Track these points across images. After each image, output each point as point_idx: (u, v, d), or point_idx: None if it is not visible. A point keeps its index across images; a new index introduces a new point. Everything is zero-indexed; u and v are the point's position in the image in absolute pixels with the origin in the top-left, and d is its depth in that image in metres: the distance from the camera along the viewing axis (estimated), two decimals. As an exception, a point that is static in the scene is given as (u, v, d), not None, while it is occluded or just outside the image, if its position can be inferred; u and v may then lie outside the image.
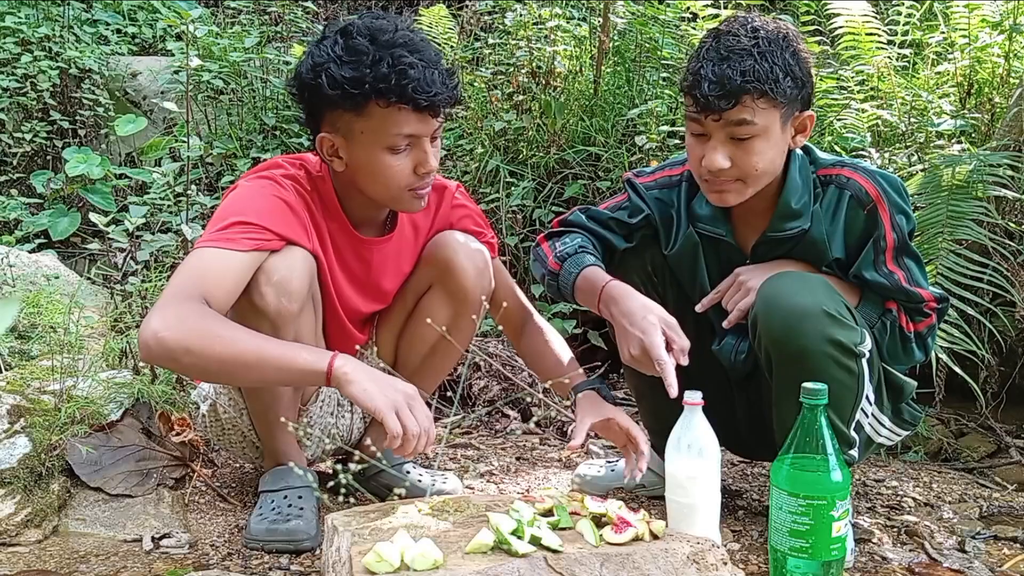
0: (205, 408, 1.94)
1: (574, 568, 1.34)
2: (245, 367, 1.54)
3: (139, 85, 4.49)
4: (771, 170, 1.74)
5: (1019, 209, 2.78)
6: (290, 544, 1.74)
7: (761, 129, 1.68)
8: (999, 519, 2.07)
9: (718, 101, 1.66)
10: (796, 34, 1.73)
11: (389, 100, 1.64)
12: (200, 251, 1.62)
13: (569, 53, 3.73)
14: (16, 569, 1.67)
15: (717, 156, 1.70)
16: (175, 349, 1.50)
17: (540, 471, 2.32)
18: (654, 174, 1.97)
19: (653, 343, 1.65)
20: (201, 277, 1.58)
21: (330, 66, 1.64)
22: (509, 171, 3.40)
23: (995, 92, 3.17)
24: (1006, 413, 2.80)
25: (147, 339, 1.51)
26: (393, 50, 1.64)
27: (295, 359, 1.54)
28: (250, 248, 1.62)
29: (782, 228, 1.79)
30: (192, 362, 1.53)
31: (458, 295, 1.89)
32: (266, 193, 1.70)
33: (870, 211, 1.75)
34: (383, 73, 1.62)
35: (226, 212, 1.67)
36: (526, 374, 2.81)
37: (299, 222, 1.71)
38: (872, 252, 1.76)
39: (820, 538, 1.50)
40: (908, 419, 1.89)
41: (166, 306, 1.53)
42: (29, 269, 2.90)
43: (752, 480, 2.29)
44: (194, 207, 3.00)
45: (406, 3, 5.78)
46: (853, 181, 1.77)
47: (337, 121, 1.70)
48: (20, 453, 1.88)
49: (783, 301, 1.67)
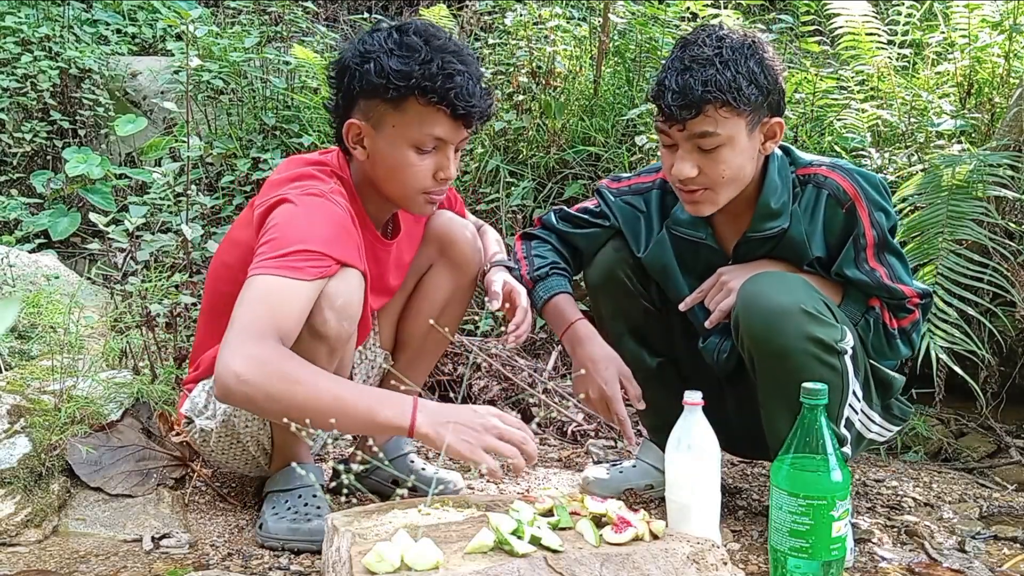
0: (208, 423, 1.85)
1: (574, 568, 1.34)
2: (323, 415, 1.52)
3: (139, 85, 4.48)
4: (740, 177, 1.76)
5: (1019, 209, 2.78)
6: (312, 544, 1.74)
7: (725, 139, 1.70)
8: (999, 519, 2.07)
9: (680, 111, 1.68)
10: (763, 42, 1.75)
11: (430, 99, 1.68)
12: (266, 279, 1.59)
13: (569, 53, 3.73)
14: (16, 569, 1.67)
15: (685, 166, 1.73)
16: (256, 396, 1.51)
17: (540, 471, 2.32)
18: (628, 180, 2.03)
19: (614, 396, 1.86)
20: (273, 310, 1.57)
21: (381, 56, 1.68)
22: (509, 171, 3.40)
23: (995, 92, 3.17)
24: (1006, 413, 2.80)
25: (228, 381, 1.50)
26: (444, 55, 1.68)
27: (376, 415, 1.53)
28: (315, 277, 1.62)
29: (762, 228, 1.82)
30: (272, 408, 1.53)
31: (460, 265, 1.99)
32: (325, 214, 1.69)
33: (848, 209, 1.77)
34: (431, 72, 1.67)
35: (286, 236, 1.64)
36: (526, 374, 2.81)
37: (354, 243, 1.72)
38: (852, 250, 1.78)
39: (820, 538, 1.50)
40: (898, 414, 1.90)
41: (244, 343, 1.53)
42: (29, 269, 2.90)
43: (752, 480, 2.29)
44: (194, 207, 3.00)
45: (406, 3, 5.78)
46: (831, 180, 1.79)
47: (371, 110, 1.72)
48: (20, 453, 1.88)
49: (762, 300, 1.69)
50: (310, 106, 3.93)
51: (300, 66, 4.06)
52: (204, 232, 2.96)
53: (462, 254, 1.98)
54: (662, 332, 2.02)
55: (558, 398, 2.77)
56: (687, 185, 1.75)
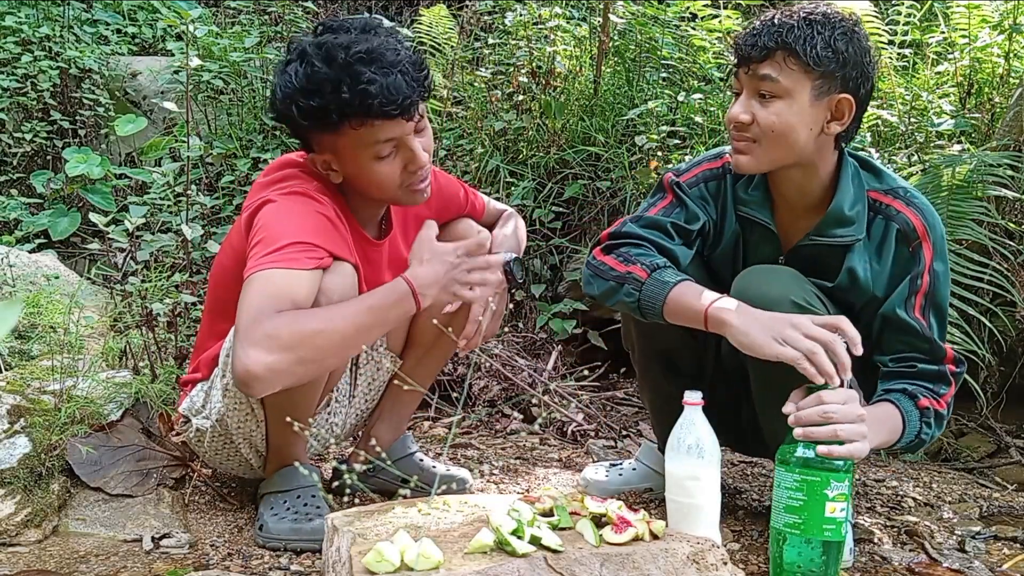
0: (203, 423, 1.86)
1: (574, 568, 1.34)
2: (355, 342, 1.64)
3: (139, 85, 4.48)
4: (790, 142, 1.69)
5: (1019, 209, 2.79)
6: (315, 543, 1.73)
7: (785, 90, 1.67)
8: (999, 519, 2.07)
9: (750, 51, 1.68)
10: (860, 25, 1.72)
11: (358, 120, 1.67)
12: (263, 273, 1.60)
13: (569, 53, 3.73)
14: (16, 569, 1.67)
15: (737, 107, 1.71)
16: (286, 370, 1.54)
17: (540, 471, 2.32)
18: (692, 170, 1.90)
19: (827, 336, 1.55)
20: (274, 297, 1.57)
21: (298, 98, 1.67)
22: (509, 171, 3.40)
23: (995, 92, 3.17)
24: (1006, 413, 2.80)
25: (255, 373, 1.52)
26: (351, 69, 1.64)
27: (388, 314, 1.67)
28: (313, 267, 1.63)
29: (830, 234, 1.74)
30: (307, 370, 1.59)
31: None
32: (310, 211, 1.70)
33: (915, 248, 1.72)
34: (345, 99, 1.64)
35: (274, 234, 1.65)
36: (526, 374, 2.81)
37: (341, 237, 1.73)
38: (907, 289, 1.71)
39: (813, 515, 1.51)
40: None
41: (252, 334, 1.53)
42: (29, 269, 2.89)
43: (752, 480, 2.29)
44: (194, 207, 3.00)
45: (406, 3, 5.78)
46: (902, 215, 1.73)
47: (322, 142, 1.74)
48: (20, 453, 1.88)
49: (752, 292, 1.68)
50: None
51: (300, 66, 4.05)
52: (204, 232, 2.96)
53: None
54: (693, 357, 1.92)
55: (557, 398, 2.77)
56: (738, 130, 1.71)
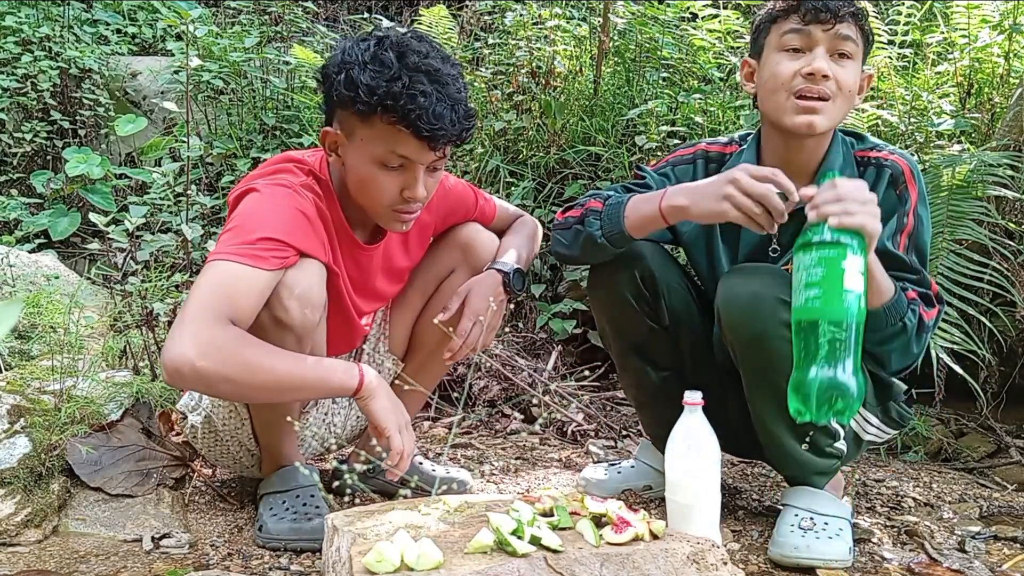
0: (196, 419, 1.91)
1: (574, 568, 1.34)
2: (281, 391, 1.60)
3: (139, 85, 4.49)
4: (848, 105, 1.77)
5: (1019, 209, 2.79)
6: (315, 543, 1.74)
7: (855, 52, 1.75)
8: (999, 519, 2.07)
9: (836, 9, 1.72)
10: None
11: (392, 117, 1.65)
12: (225, 265, 1.58)
13: (569, 53, 3.73)
14: (16, 569, 1.67)
15: (823, 61, 1.73)
16: (212, 378, 1.50)
17: (540, 471, 2.32)
18: (661, 161, 2.00)
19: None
20: (229, 295, 1.55)
21: (355, 67, 1.66)
22: (509, 171, 3.40)
23: (995, 92, 3.17)
24: (1006, 413, 2.80)
25: (179, 365, 1.47)
26: (415, 73, 1.64)
27: (330, 380, 1.62)
28: (276, 267, 1.62)
29: None
30: (229, 390, 1.56)
31: (479, 271, 1.98)
32: (288, 205, 1.69)
33: (901, 190, 1.77)
34: (395, 91, 1.63)
35: (249, 223, 1.65)
36: (526, 374, 2.81)
37: (316, 236, 1.72)
38: (894, 224, 1.75)
39: (831, 285, 1.47)
40: (896, 418, 1.88)
41: (196, 326, 1.50)
42: (29, 269, 2.90)
43: (752, 480, 2.29)
44: (194, 207, 3.00)
45: (406, 3, 5.78)
46: (891, 161, 1.80)
47: (345, 121, 1.71)
48: (20, 453, 1.88)
49: (739, 288, 1.70)
50: (310, 106, 3.93)
51: (300, 66, 4.06)
52: (204, 232, 2.97)
53: (481, 260, 1.98)
54: (667, 348, 1.97)
55: (558, 398, 2.78)
56: (817, 84, 1.72)
